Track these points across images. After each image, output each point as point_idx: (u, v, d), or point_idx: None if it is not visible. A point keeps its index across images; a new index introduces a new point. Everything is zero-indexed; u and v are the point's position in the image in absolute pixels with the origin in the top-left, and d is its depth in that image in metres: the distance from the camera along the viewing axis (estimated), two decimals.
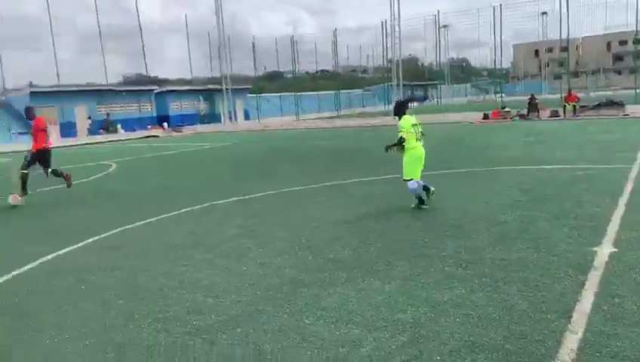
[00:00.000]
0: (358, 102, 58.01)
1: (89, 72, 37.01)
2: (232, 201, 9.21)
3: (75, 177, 14.28)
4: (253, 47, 47.27)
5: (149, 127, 38.75)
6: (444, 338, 3.52)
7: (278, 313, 4.10)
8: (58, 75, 33.90)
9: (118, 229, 7.46)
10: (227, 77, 41.40)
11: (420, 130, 7.68)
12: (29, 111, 11.25)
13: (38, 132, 10.64)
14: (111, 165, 17.20)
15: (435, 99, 62.73)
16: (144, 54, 39.78)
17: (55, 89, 34.27)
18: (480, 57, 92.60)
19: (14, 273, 5.69)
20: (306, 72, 63.13)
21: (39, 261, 6.11)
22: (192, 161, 18.48)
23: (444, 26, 61.42)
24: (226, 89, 41.13)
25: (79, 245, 6.74)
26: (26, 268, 5.87)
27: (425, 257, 5.27)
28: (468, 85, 78.90)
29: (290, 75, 57.45)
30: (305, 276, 4.92)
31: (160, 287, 4.90)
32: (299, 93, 48.22)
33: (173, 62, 50.65)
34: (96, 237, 7.06)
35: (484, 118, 29.53)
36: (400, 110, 7.77)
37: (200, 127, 40.29)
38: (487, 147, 16.06)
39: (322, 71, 65.61)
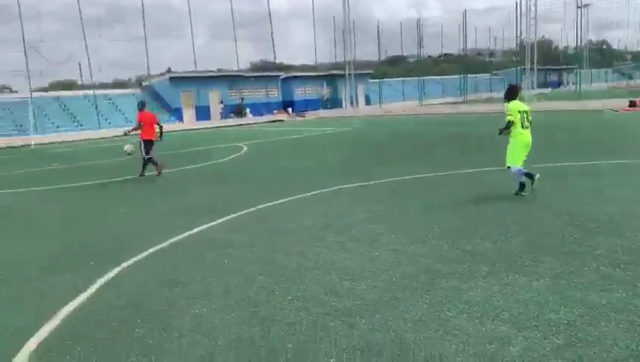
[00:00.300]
0: (485, 87, 55.39)
1: (221, 58, 38.95)
2: (358, 186, 9.21)
3: (212, 157, 15.27)
4: (378, 31, 47.01)
5: (275, 111, 40.28)
6: (607, 344, 3.18)
7: (417, 302, 4.00)
8: (195, 62, 36.42)
9: (254, 208, 7.81)
10: (350, 62, 41.60)
11: (529, 117, 7.49)
12: (142, 104, 12.94)
13: (147, 125, 12.41)
14: (242, 147, 18.11)
15: (571, 85, 57.85)
16: (273, 41, 41.24)
17: (192, 75, 36.83)
18: (623, 40, 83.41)
19: (163, 244, 6.18)
20: (429, 56, 61.41)
21: (186, 234, 6.58)
22: (317, 145, 18.87)
23: (585, 5, 56.23)
24: (349, 74, 41.37)
25: (219, 221, 7.15)
26: (175, 239, 6.35)
27: (575, 254, 4.84)
28: (609, 70, 71.82)
29: (413, 60, 56.31)
30: (442, 266, 4.75)
31: (297, 266, 5.02)
32: (422, 78, 47.11)
33: (299, 47, 52.02)
34: (234, 215, 7.44)
35: (630, 106, 26.63)
36: (512, 94, 7.68)
37: (322, 112, 41.06)
38: None
39: (446, 55, 63.51)
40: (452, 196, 7.93)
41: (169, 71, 38.20)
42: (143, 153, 12.39)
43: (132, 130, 12.97)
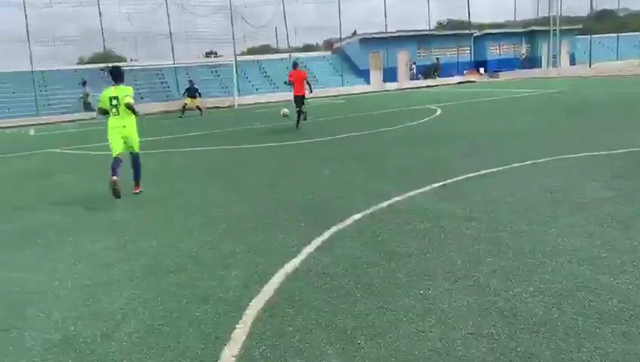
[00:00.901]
0: None
1: (410, 18, 37.58)
2: (585, 156, 7.88)
3: (404, 120, 14.74)
4: None
5: (465, 72, 38.10)
6: None
7: None
8: (386, 24, 35.81)
9: (462, 176, 7.11)
10: (556, 17, 37.09)
11: None
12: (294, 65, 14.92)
13: (298, 82, 14.38)
14: (436, 110, 17.26)
15: None
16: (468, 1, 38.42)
17: (381, 35, 36.40)
18: None
19: (370, 210, 5.86)
20: None
21: (393, 200, 6.18)
22: (521, 108, 17.13)
23: None
24: (554, 30, 36.99)
25: (426, 189, 6.61)
26: (381, 205, 6.00)
27: None
28: None
29: (624, 14, 48.38)
30: None
31: (530, 250, 4.27)
32: None
33: (492, 3, 47.86)
34: (442, 183, 6.84)
35: None
36: None
37: (519, 73, 37.71)
38: None
39: None
40: None
41: (355, 34, 38.19)
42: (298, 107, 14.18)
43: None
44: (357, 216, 5.62)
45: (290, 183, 7.73)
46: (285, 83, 15.17)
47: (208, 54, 40.90)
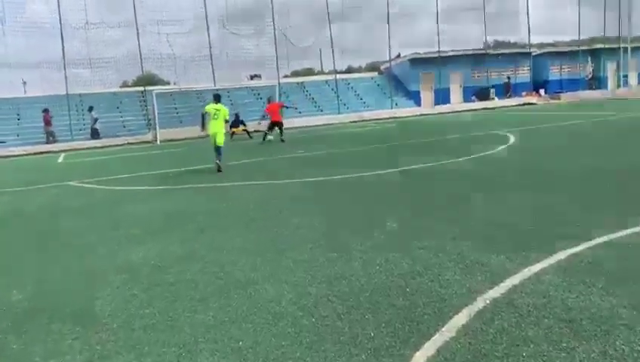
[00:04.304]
0: None
1: (465, 38, 35.03)
2: None
3: (475, 148, 12.44)
4: None
5: (524, 93, 35.27)
6: None
7: None
8: (439, 42, 33.45)
9: (599, 239, 4.87)
10: (627, 37, 33.85)
11: None
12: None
13: (272, 111, 19.89)
14: (507, 136, 14.85)
15: None
16: (528, 16, 35.66)
17: (432, 55, 34.15)
18: None
19: (479, 303, 3.72)
20: None
21: (507, 283, 4.02)
22: (615, 134, 14.54)
23: None
24: (624, 48, 33.78)
25: (549, 261, 4.44)
26: (494, 293, 3.85)
27: None
28: None
29: None
30: None
31: None
32: None
33: (551, 22, 44.75)
34: (571, 250, 4.64)
35: None
36: None
37: (583, 94, 34.66)
38: None
39: None
40: None
41: (399, 56, 36.07)
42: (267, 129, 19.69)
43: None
44: (461, 319, 3.47)
45: (341, 251, 5.62)
46: (263, 116, 20.85)
47: (253, 77, 39.63)
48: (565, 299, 3.69)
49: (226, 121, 12.86)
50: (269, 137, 19.89)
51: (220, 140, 12.32)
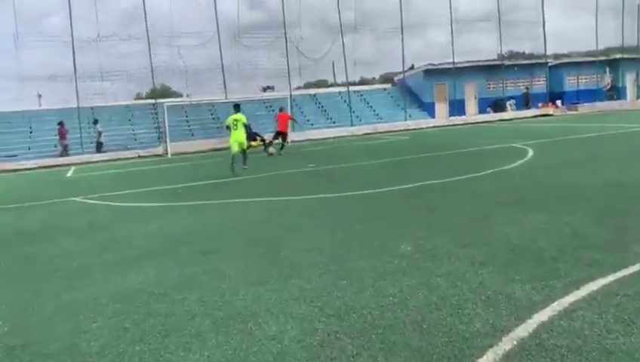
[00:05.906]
0: None
1: (480, 49, 34.58)
2: None
3: (493, 162, 11.98)
4: None
5: (540, 104, 34.64)
6: None
7: None
8: (453, 53, 32.96)
9: None
10: None
11: None
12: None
13: (280, 120, 20.70)
14: (525, 149, 14.35)
15: None
16: (544, 26, 35.01)
17: (446, 66, 33.69)
18: None
19: (504, 344, 3.29)
20: None
21: (535, 319, 3.60)
22: (626, 146, 14.00)
23: None
24: None
25: (588, 288, 4.00)
26: (521, 332, 3.43)
27: None
28: None
29: None
30: None
31: None
32: None
33: (569, 32, 43.89)
34: (614, 275, 4.21)
35: None
36: None
37: (601, 105, 33.95)
38: None
39: None
40: None
41: (412, 67, 35.63)
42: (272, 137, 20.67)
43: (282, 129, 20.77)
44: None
45: (352, 279, 5.21)
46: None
47: (266, 89, 39.47)
48: (603, 340, 3.27)
49: (246, 126, 13.90)
50: (271, 149, 19.74)
51: (244, 145, 13.65)
